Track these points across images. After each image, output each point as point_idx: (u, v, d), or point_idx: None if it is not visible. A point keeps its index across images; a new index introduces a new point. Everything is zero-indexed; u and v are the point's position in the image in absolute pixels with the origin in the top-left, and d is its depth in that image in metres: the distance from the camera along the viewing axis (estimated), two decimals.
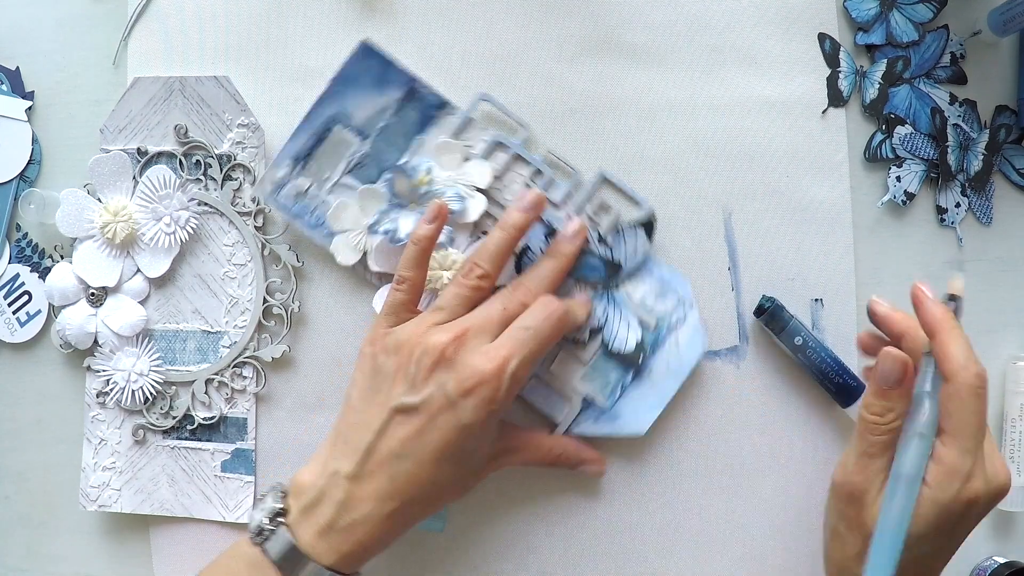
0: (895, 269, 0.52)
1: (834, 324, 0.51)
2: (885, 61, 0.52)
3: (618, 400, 0.49)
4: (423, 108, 0.50)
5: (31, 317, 0.54)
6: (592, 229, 0.49)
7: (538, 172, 0.50)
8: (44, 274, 0.53)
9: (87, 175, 0.52)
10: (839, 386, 0.49)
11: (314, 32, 0.52)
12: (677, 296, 0.50)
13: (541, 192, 0.48)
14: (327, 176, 0.50)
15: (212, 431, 0.52)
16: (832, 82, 0.51)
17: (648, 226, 0.50)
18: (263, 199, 0.51)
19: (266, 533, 0.42)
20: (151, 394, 0.52)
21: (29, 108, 0.54)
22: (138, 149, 0.52)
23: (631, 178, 0.51)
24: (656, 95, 0.52)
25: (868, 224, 0.52)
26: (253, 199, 0.51)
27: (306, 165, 0.50)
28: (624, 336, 0.49)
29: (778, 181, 0.51)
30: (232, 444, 0.52)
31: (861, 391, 0.49)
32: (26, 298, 0.54)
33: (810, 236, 0.51)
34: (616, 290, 0.49)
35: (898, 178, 0.52)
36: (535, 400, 0.50)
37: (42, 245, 0.54)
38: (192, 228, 0.52)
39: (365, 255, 0.50)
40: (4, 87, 0.54)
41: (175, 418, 0.52)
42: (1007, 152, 0.52)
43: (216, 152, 0.52)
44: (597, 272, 0.49)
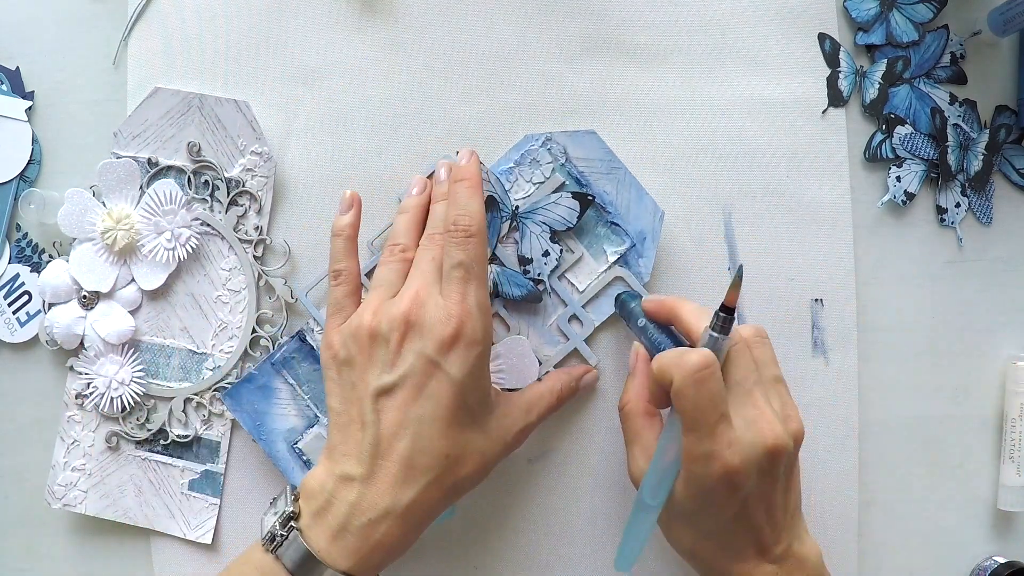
0: (895, 269, 0.52)
1: (834, 324, 0.51)
2: (885, 61, 0.52)
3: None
4: None
5: (31, 317, 0.54)
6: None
7: None
8: None
9: (95, 178, 0.52)
10: None
11: (314, 32, 0.52)
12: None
13: (422, 176, 0.49)
14: None
15: (184, 449, 0.52)
16: (832, 82, 0.51)
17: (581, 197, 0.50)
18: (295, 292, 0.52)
19: (279, 540, 0.41)
20: (130, 404, 0.52)
21: (29, 108, 0.54)
22: (148, 159, 0.52)
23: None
24: (656, 95, 0.52)
25: (868, 224, 0.52)
26: (256, 228, 0.52)
27: None
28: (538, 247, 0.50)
29: (778, 181, 0.51)
30: (203, 465, 0.52)
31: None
32: (26, 298, 0.54)
33: (810, 236, 0.51)
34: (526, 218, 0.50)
35: (898, 178, 0.52)
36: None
37: (42, 245, 0.54)
38: (192, 247, 0.52)
39: None
40: (4, 87, 0.54)
41: (150, 431, 0.52)
42: (1007, 152, 0.52)
43: (226, 175, 0.52)
44: (521, 288, 0.50)
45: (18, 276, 0.54)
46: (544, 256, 0.50)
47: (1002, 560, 0.51)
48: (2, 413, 0.54)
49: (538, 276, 0.50)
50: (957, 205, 0.52)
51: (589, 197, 0.50)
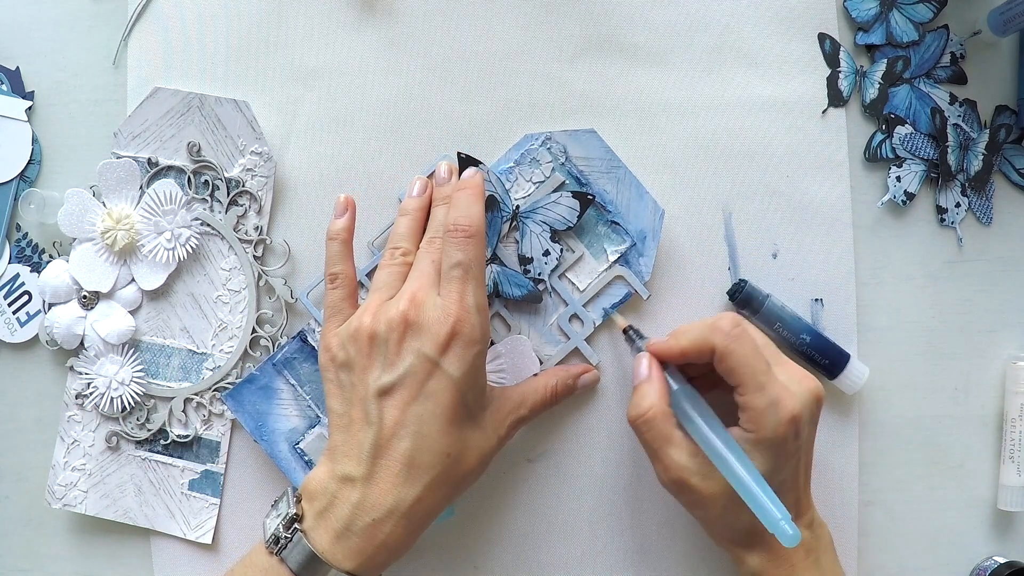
0: (895, 269, 0.52)
1: (834, 324, 0.51)
2: (885, 61, 0.52)
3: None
4: None
5: (31, 317, 0.54)
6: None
7: None
8: None
9: (95, 178, 0.52)
10: (823, 360, 0.50)
11: (314, 32, 0.52)
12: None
13: (422, 176, 0.49)
14: None
15: (184, 449, 0.52)
16: (832, 82, 0.51)
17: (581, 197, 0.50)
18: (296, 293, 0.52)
19: (283, 542, 0.41)
20: (130, 404, 0.52)
21: (29, 108, 0.54)
22: (148, 159, 0.52)
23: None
24: (656, 95, 0.52)
25: (868, 224, 0.52)
26: (256, 228, 0.52)
27: None
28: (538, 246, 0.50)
29: (778, 181, 0.51)
30: (203, 465, 0.52)
31: (846, 361, 0.49)
32: (26, 298, 0.54)
33: (810, 236, 0.51)
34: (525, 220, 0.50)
35: (898, 178, 0.52)
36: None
37: (42, 245, 0.54)
38: (192, 247, 0.52)
39: None
40: (4, 87, 0.54)
41: (150, 431, 0.52)
42: (1007, 152, 0.52)
43: (226, 175, 0.52)
44: (522, 288, 0.50)
45: (18, 276, 0.54)
46: (544, 255, 0.50)
47: (1002, 560, 0.51)
48: (2, 413, 0.54)
49: (538, 275, 0.50)
50: (957, 205, 0.52)
51: (589, 196, 0.50)
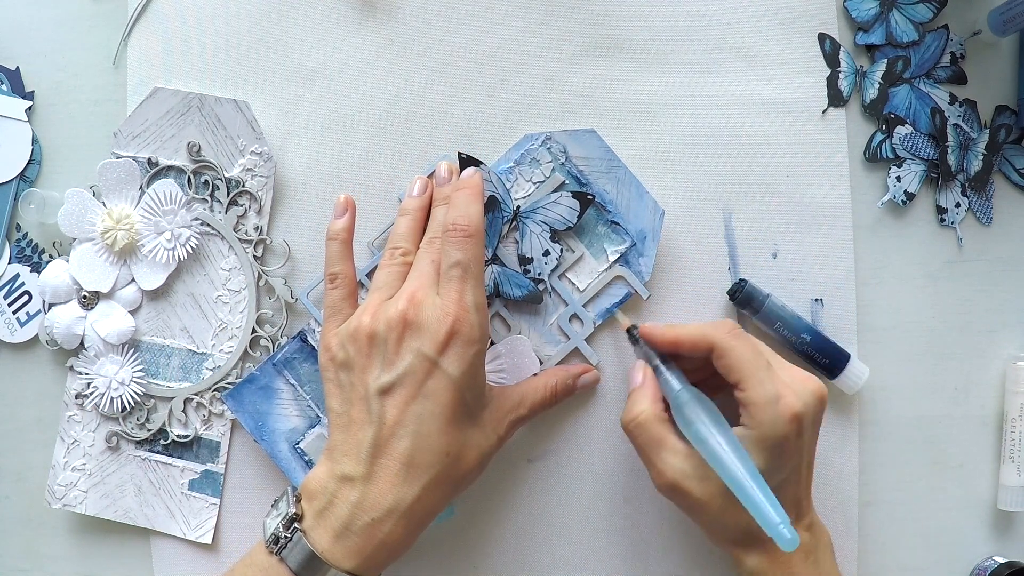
0: (895, 269, 0.52)
1: (834, 324, 0.51)
2: (885, 61, 0.52)
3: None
4: None
5: (31, 317, 0.54)
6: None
7: None
8: None
9: (95, 178, 0.52)
10: (823, 360, 0.50)
11: (314, 32, 0.52)
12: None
13: (422, 176, 0.49)
14: None
15: (184, 449, 0.52)
16: (832, 82, 0.51)
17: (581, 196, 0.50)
18: (296, 293, 0.52)
19: (283, 542, 0.41)
20: (130, 404, 0.52)
21: (29, 108, 0.54)
22: (148, 159, 0.52)
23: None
24: (656, 95, 0.52)
25: (868, 224, 0.52)
26: (256, 228, 0.52)
27: None
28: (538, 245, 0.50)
29: (778, 181, 0.51)
30: (203, 465, 0.52)
31: (846, 361, 0.49)
32: (26, 298, 0.54)
33: (810, 236, 0.51)
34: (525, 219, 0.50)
35: (898, 178, 0.52)
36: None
37: (42, 245, 0.54)
38: (192, 247, 0.52)
39: None
40: (4, 87, 0.54)
41: (150, 431, 0.52)
42: (1007, 152, 0.52)
43: (226, 175, 0.52)
44: (522, 288, 0.50)
45: (18, 276, 0.54)
46: (544, 255, 0.50)
47: (1002, 560, 0.51)
48: (2, 413, 0.54)
49: (538, 276, 0.50)
50: (957, 205, 0.52)
51: (589, 196, 0.50)
